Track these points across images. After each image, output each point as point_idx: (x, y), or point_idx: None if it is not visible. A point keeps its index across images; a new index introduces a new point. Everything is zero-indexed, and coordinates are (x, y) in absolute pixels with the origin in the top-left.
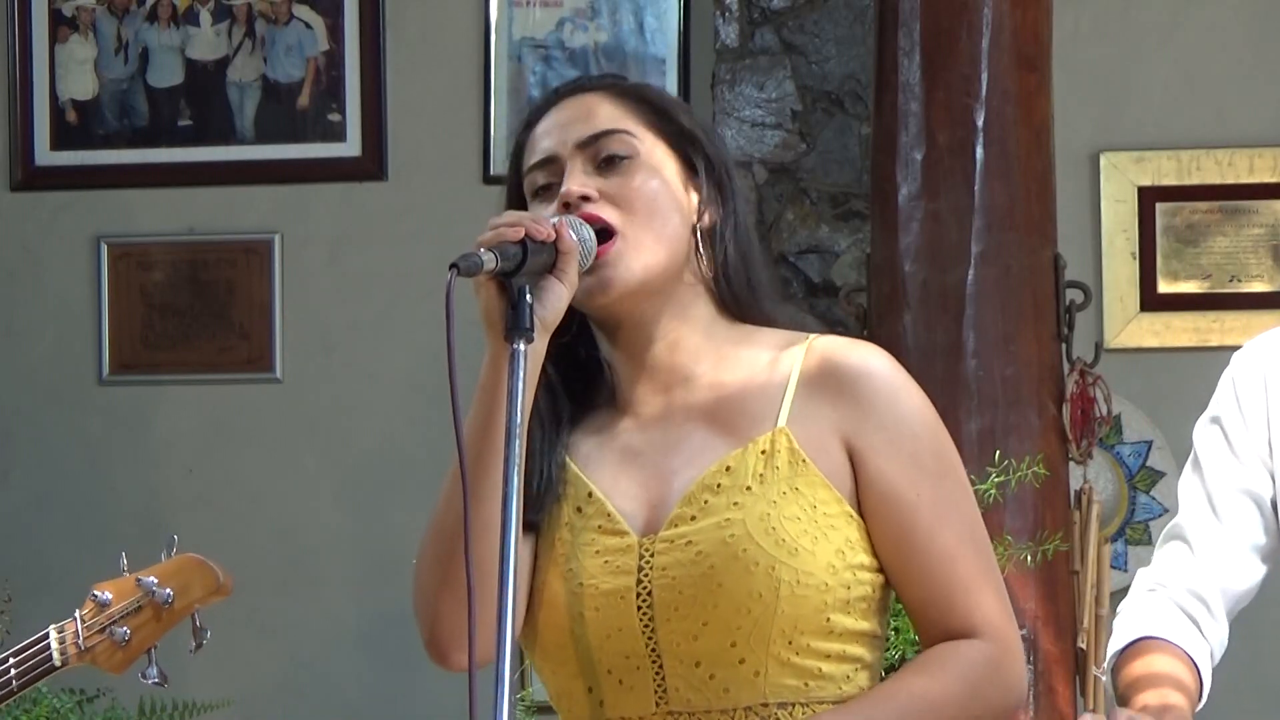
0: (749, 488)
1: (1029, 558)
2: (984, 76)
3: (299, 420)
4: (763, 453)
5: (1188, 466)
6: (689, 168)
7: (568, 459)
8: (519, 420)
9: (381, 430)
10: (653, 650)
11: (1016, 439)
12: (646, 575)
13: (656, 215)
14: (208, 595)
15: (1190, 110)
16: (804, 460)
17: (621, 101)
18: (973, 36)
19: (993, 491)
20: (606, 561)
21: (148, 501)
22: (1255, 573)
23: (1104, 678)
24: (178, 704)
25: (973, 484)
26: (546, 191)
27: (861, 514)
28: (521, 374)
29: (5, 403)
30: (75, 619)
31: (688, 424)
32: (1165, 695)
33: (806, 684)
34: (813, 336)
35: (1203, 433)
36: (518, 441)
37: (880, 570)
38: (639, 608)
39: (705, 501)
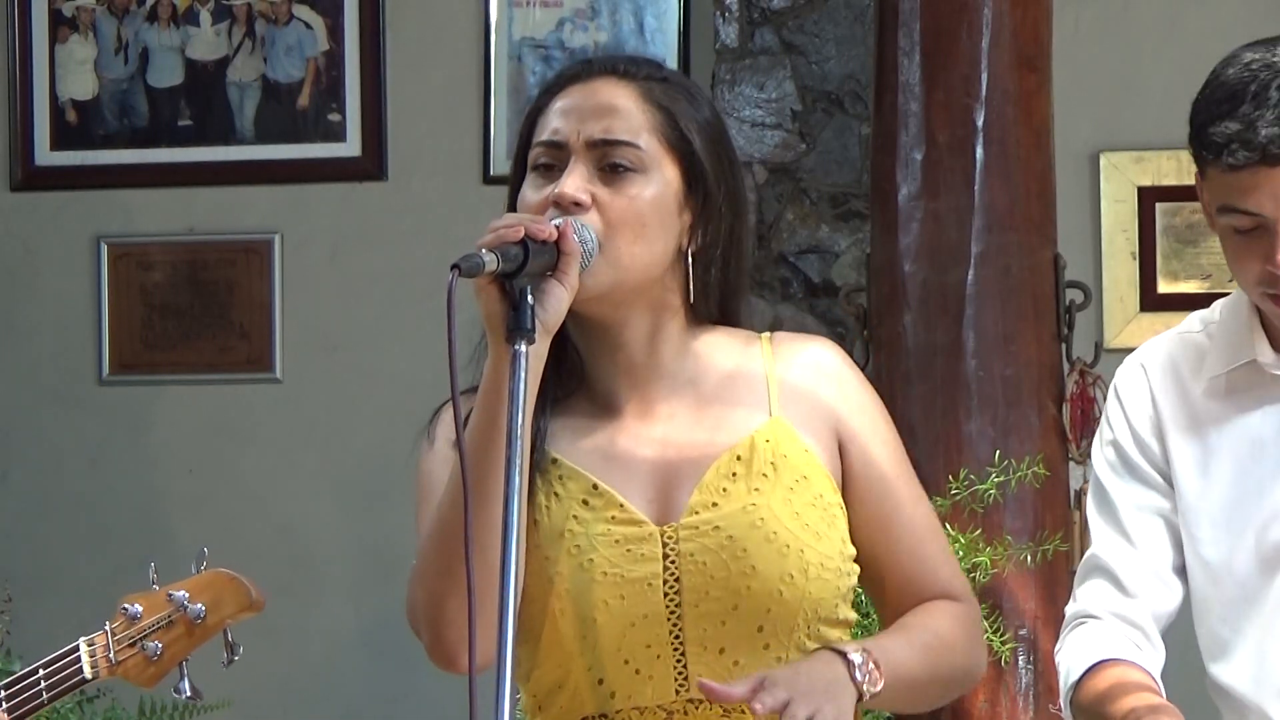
0: (765, 474)
1: (1029, 558)
2: (984, 76)
3: (299, 420)
4: (767, 441)
5: (1091, 495)
6: (692, 185)
7: (556, 454)
8: (521, 422)
9: (381, 430)
10: (676, 638)
11: (1016, 439)
12: (673, 562)
13: (642, 236)
14: (239, 611)
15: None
16: (806, 450)
17: (645, 106)
18: (973, 36)
19: (993, 491)
20: (629, 550)
21: (148, 501)
22: (1178, 592)
23: (1063, 714)
24: (178, 704)
25: (973, 484)
26: (545, 170)
27: (847, 500)
28: (523, 375)
29: (5, 403)
30: (105, 632)
31: (672, 420)
32: (1149, 698)
33: None
34: (765, 334)
35: (1099, 458)
36: (520, 443)
37: (857, 561)
38: (666, 594)
39: (724, 489)
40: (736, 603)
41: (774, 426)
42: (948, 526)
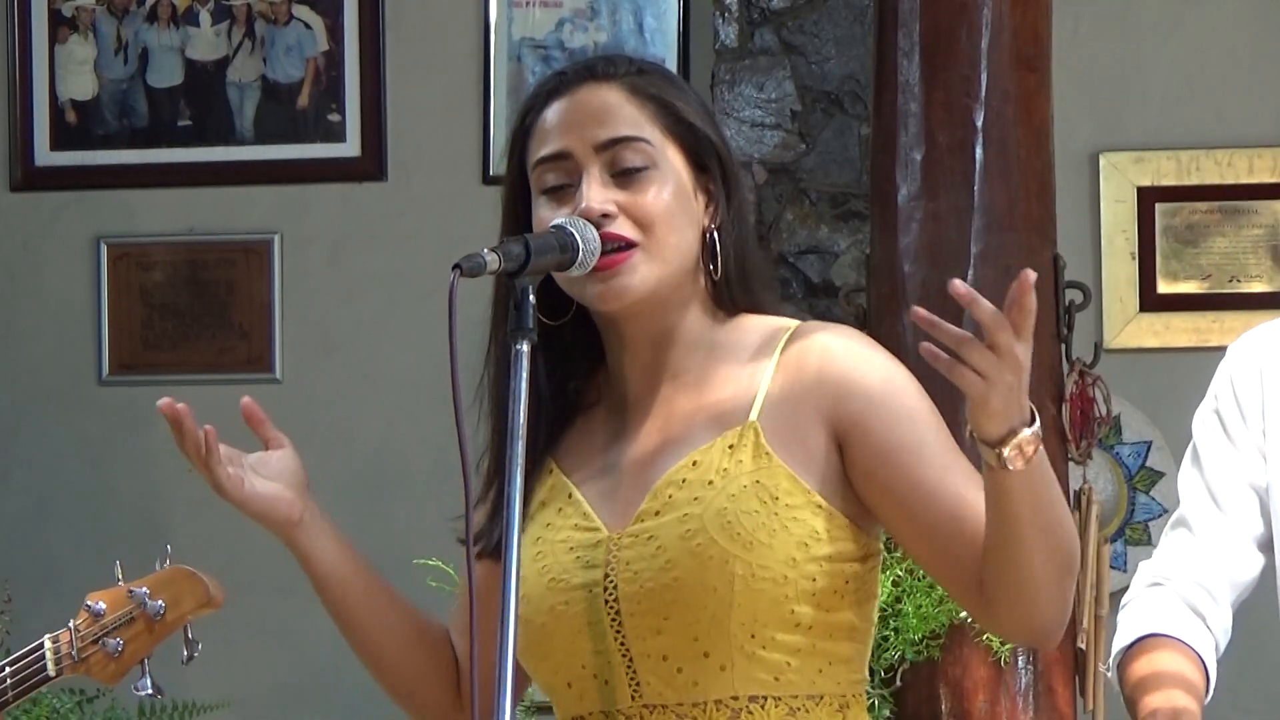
0: (710, 482)
1: None
2: (984, 76)
3: (299, 420)
4: (729, 447)
5: (1187, 458)
6: (698, 167)
7: (554, 464)
8: (520, 420)
9: (381, 430)
10: (622, 644)
11: None
12: (613, 570)
13: (673, 229)
14: (198, 608)
15: (1190, 110)
16: (768, 453)
17: (637, 100)
18: (973, 36)
19: None
20: (578, 557)
21: (147, 502)
22: (1257, 563)
23: (1109, 674)
24: (178, 705)
25: None
26: (559, 192)
27: (858, 493)
28: (524, 374)
29: (5, 403)
30: (70, 629)
31: (672, 419)
32: (1174, 698)
33: (777, 678)
34: (795, 324)
35: (1201, 424)
36: (520, 442)
37: (857, 559)
38: (606, 602)
39: (670, 496)
40: (667, 613)
41: (743, 432)
42: None
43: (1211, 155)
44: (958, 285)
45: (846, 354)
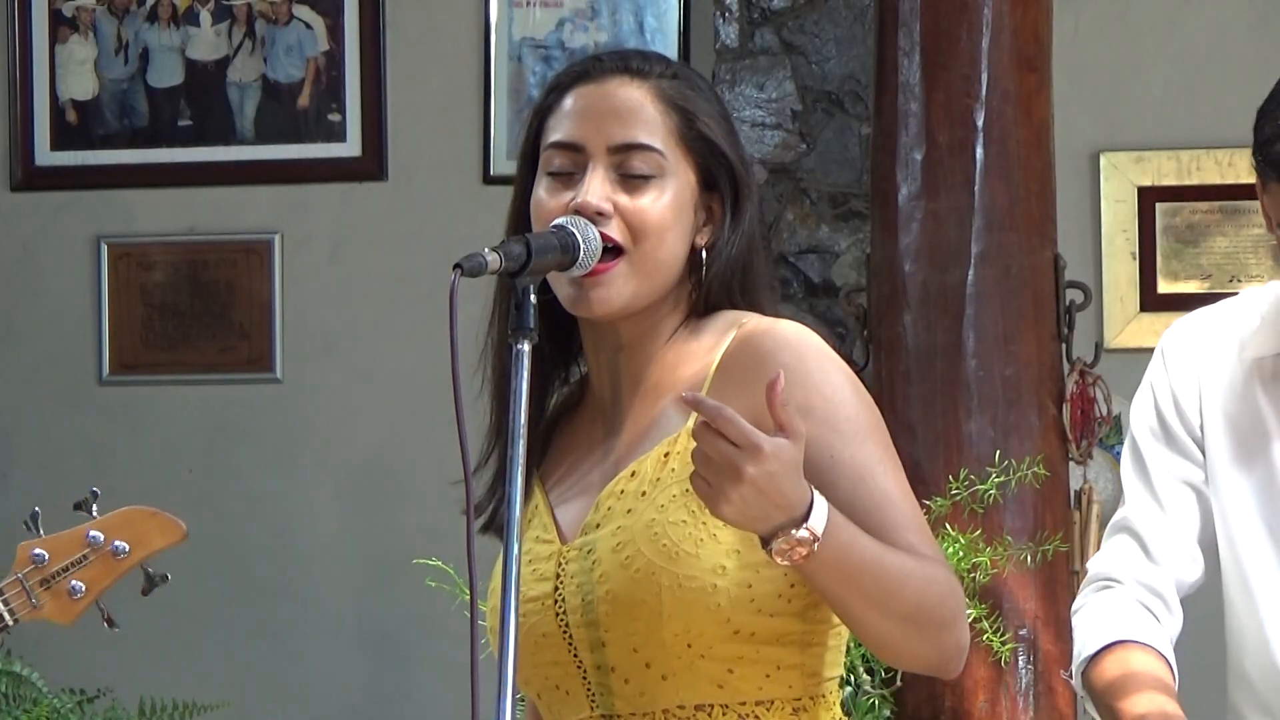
0: (644, 493)
1: (1029, 558)
2: (984, 76)
3: (299, 420)
4: (665, 455)
5: (1127, 453)
6: (707, 185)
7: (536, 471)
8: (522, 420)
9: (381, 430)
10: (575, 656)
11: (1016, 439)
12: (561, 583)
13: (664, 243)
14: (166, 545)
15: (1190, 110)
16: None
17: (663, 109)
18: (973, 36)
19: (993, 491)
20: (535, 569)
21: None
22: (1201, 564)
23: (1072, 681)
24: (178, 704)
25: (973, 484)
26: (563, 178)
27: None
28: (525, 374)
29: (5, 403)
30: (18, 579)
31: (628, 427)
32: (1159, 702)
33: (720, 685)
34: (744, 320)
35: (1140, 420)
36: (521, 442)
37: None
38: (557, 614)
39: (609, 508)
40: (607, 626)
41: (678, 439)
42: (948, 526)
43: (1211, 155)
44: (685, 396)
45: (780, 355)
